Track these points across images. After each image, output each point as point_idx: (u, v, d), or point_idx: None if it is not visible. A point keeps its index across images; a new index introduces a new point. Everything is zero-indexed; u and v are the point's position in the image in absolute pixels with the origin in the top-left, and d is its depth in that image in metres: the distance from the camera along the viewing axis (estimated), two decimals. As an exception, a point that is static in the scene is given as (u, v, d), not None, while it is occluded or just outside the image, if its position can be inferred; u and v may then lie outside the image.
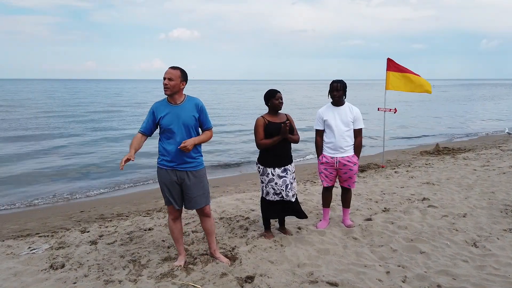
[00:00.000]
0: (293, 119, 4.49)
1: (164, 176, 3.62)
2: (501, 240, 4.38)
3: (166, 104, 3.56)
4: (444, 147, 12.18)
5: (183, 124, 3.51)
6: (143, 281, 3.47)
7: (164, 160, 3.59)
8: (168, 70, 3.51)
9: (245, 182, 8.85)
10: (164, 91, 3.50)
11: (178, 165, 3.56)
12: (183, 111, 3.53)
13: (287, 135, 4.17)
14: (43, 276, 3.65)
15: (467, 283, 3.38)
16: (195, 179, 3.62)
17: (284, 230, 4.63)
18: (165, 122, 3.50)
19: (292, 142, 4.35)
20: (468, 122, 23.02)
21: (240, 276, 3.52)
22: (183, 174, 3.58)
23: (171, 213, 3.76)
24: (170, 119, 3.50)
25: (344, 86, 4.59)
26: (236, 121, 23.71)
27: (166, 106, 3.55)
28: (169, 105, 3.55)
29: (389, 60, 9.21)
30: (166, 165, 3.58)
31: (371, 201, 6.03)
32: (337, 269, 3.70)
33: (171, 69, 3.52)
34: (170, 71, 3.50)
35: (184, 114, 3.52)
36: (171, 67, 3.54)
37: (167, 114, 3.51)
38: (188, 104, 3.58)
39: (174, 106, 3.54)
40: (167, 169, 3.59)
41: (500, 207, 5.57)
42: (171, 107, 3.54)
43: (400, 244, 4.28)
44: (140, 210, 6.57)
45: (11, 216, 6.86)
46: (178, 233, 3.82)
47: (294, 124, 4.39)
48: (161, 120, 3.51)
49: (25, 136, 16.66)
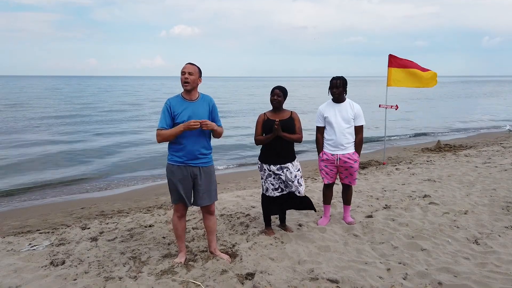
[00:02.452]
0: (299, 118, 4.40)
1: (176, 172, 3.60)
2: (502, 237, 4.36)
3: (182, 100, 3.58)
4: (445, 144, 12.16)
5: (199, 119, 3.55)
6: (144, 277, 3.46)
7: (176, 157, 3.59)
8: (187, 65, 3.55)
9: (245, 179, 8.85)
10: (184, 86, 3.53)
11: (190, 161, 3.58)
12: (198, 108, 3.59)
13: (278, 134, 4.14)
14: (44, 273, 3.65)
15: (468, 280, 3.37)
16: (206, 175, 3.66)
17: (284, 227, 4.62)
18: (182, 118, 3.52)
19: (291, 141, 4.30)
20: (470, 119, 22.95)
21: (241, 273, 3.52)
22: (196, 170, 3.61)
23: (178, 210, 3.74)
24: (187, 115, 3.52)
25: (344, 83, 4.55)
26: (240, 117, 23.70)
27: (182, 102, 3.57)
28: (185, 101, 3.58)
29: (390, 56, 9.17)
30: (178, 161, 3.58)
31: (372, 198, 6.01)
32: (338, 266, 3.69)
33: (190, 65, 3.57)
34: (190, 66, 3.55)
35: (199, 110, 3.58)
36: (189, 63, 3.59)
37: (184, 110, 3.53)
38: (202, 101, 3.64)
39: (190, 102, 3.58)
40: (179, 165, 3.58)
41: (501, 204, 5.55)
42: (187, 103, 3.57)
43: (401, 241, 4.27)
44: (141, 207, 6.57)
45: (12, 212, 6.86)
46: (182, 231, 3.82)
47: (298, 123, 4.32)
48: (178, 116, 3.52)
49: (25, 134, 16.67)
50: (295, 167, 4.34)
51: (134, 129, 18.85)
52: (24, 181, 9.06)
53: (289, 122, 4.26)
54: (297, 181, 4.31)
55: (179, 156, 3.57)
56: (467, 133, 17.35)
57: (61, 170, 10.26)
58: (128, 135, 16.78)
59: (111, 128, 18.85)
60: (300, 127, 4.35)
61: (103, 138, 15.75)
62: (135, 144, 14.21)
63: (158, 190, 8.13)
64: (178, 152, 3.57)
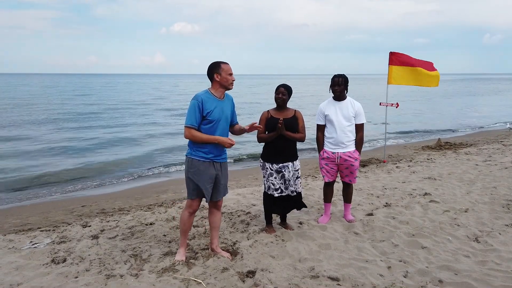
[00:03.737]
0: (302, 117, 4.39)
1: (203, 168, 3.63)
2: (503, 235, 4.37)
3: (213, 97, 3.62)
4: (445, 142, 12.14)
5: (226, 118, 3.70)
6: (145, 275, 3.47)
7: (202, 153, 3.62)
8: (230, 67, 3.66)
9: (246, 177, 8.85)
10: (231, 86, 3.66)
11: (216, 157, 3.68)
12: (226, 106, 3.72)
13: (282, 132, 4.15)
14: (45, 271, 3.66)
15: (468, 278, 3.38)
16: (225, 170, 3.84)
17: (285, 225, 4.63)
18: (214, 116, 3.58)
19: (294, 140, 4.30)
20: (470, 117, 22.93)
21: (241, 271, 3.53)
22: (219, 165, 3.73)
23: (192, 206, 3.75)
24: (219, 113, 3.61)
25: (346, 81, 4.55)
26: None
27: (213, 100, 3.61)
28: (216, 99, 3.63)
29: (391, 53, 9.13)
30: (205, 157, 3.63)
31: (373, 196, 6.02)
32: (339, 264, 3.70)
33: (229, 65, 3.69)
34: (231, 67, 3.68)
35: (227, 108, 3.72)
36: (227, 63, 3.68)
37: (215, 108, 3.60)
38: (227, 100, 3.76)
39: (220, 100, 3.66)
40: (205, 161, 3.63)
41: (502, 202, 5.55)
42: (218, 101, 3.64)
43: (401, 239, 4.27)
44: (142, 205, 6.57)
45: (13, 210, 6.87)
46: (189, 227, 3.87)
47: (301, 122, 4.32)
48: (210, 114, 3.56)
49: (26, 133, 16.67)
50: (295, 166, 4.35)
51: (137, 126, 18.86)
52: (25, 179, 9.06)
53: (292, 121, 4.25)
54: (294, 180, 4.33)
55: (205, 152, 3.62)
56: (468, 131, 17.34)
57: (62, 168, 10.26)
58: (128, 133, 16.77)
59: (113, 126, 18.84)
60: (304, 126, 4.35)
61: (103, 136, 15.72)
62: (135, 141, 14.26)
63: (159, 188, 8.14)
64: (204, 148, 3.62)
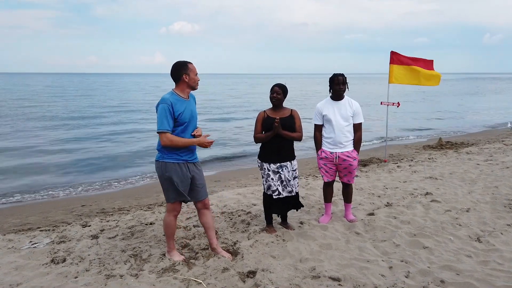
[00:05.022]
0: (299, 116, 4.37)
1: (178, 170, 3.58)
2: (505, 235, 4.34)
3: (181, 99, 3.57)
4: (447, 142, 12.11)
5: (195, 118, 3.68)
6: (145, 275, 3.45)
7: (176, 155, 3.57)
8: (195, 66, 3.64)
9: (246, 177, 8.82)
10: (197, 87, 3.65)
11: (189, 158, 3.65)
12: (193, 105, 3.70)
13: (278, 132, 4.12)
14: (44, 271, 3.64)
15: (470, 278, 3.35)
16: (200, 170, 3.78)
17: (286, 225, 4.61)
18: (185, 117, 3.54)
19: (291, 139, 4.27)
20: (471, 116, 22.90)
21: (242, 271, 3.51)
22: (192, 166, 3.69)
23: (175, 209, 3.74)
24: (188, 113, 3.58)
25: (345, 80, 4.53)
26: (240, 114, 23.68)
27: (182, 101, 3.56)
28: (184, 100, 3.59)
29: (392, 53, 9.12)
30: (179, 159, 3.58)
31: (374, 195, 5.99)
32: (340, 264, 3.68)
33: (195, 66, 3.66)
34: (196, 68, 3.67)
35: (194, 108, 3.70)
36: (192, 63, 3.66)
37: (185, 109, 3.56)
38: (192, 99, 3.74)
39: (187, 101, 3.62)
40: (179, 163, 3.59)
41: (503, 201, 5.53)
42: (186, 102, 3.60)
43: (403, 239, 4.25)
44: (141, 205, 6.56)
45: (13, 210, 6.85)
46: (174, 230, 3.85)
47: (298, 121, 4.30)
48: (181, 116, 3.51)
49: (26, 131, 16.66)
50: (293, 166, 4.33)
51: (135, 125, 18.84)
52: (24, 178, 9.05)
53: (289, 120, 4.23)
54: (292, 180, 4.31)
55: (178, 154, 3.57)
56: (469, 130, 17.30)
57: (62, 167, 10.25)
58: (128, 132, 16.76)
59: (113, 126, 18.84)
60: (301, 125, 4.33)
61: (103, 136, 15.72)
62: (135, 141, 14.25)
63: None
64: (177, 150, 3.56)
